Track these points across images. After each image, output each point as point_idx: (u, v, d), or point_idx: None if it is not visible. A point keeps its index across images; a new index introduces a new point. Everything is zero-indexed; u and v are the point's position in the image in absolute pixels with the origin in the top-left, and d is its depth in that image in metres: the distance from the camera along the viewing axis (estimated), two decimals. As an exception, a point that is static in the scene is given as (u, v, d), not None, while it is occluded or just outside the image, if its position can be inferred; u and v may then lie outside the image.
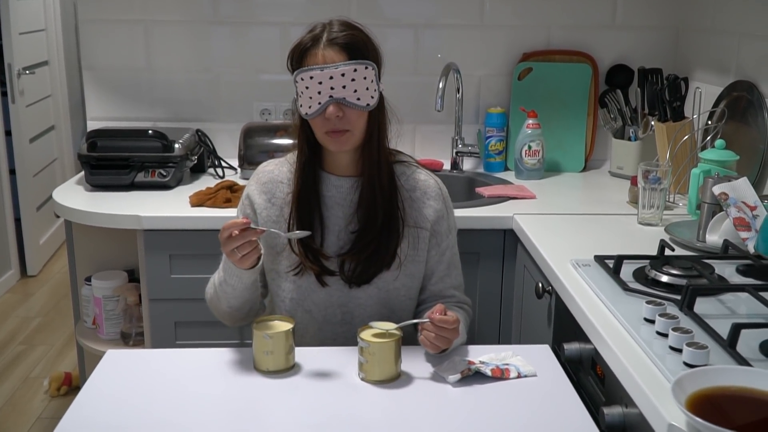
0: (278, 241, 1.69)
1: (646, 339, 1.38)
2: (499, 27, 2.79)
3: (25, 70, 4.38)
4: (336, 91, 1.55)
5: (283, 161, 1.75)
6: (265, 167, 1.75)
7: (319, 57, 1.55)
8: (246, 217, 1.72)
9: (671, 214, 2.21)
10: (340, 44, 1.55)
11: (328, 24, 1.59)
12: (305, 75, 1.55)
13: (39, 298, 4.25)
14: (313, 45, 1.56)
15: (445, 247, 1.73)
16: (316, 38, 1.56)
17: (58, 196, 2.39)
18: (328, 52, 1.55)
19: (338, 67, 1.54)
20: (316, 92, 1.55)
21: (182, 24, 2.76)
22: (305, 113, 1.58)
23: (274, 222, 1.69)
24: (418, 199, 1.70)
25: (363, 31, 1.61)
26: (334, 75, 1.54)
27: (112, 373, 1.53)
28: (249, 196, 1.73)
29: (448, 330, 1.50)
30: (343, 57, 1.55)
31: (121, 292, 2.44)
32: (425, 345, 1.53)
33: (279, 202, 1.70)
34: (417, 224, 1.69)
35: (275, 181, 1.71)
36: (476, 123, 2.84)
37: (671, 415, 1.15)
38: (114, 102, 2.80)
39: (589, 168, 2.83)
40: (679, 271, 1.64)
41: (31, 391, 3.25)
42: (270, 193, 1.70)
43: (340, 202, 1.68)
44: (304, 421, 1.35)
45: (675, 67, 2.72)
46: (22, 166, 4.41)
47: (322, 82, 1.54)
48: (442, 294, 1.74)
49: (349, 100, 1.56)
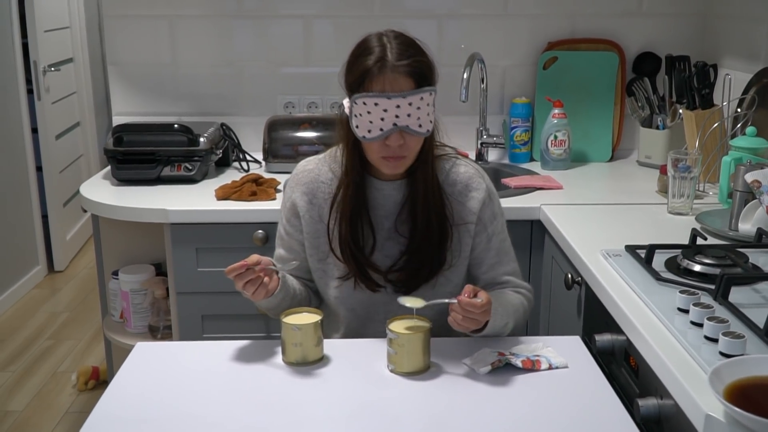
0: (322, 247, 1.67)
1: (680, 329, 1.36)
2: (523, 16, 2.76)
3: (50, 67, 4.41)
4: (400, 120, 1.50)
5: (323, 160, 1.71)
6: (305, 167, 1.71)
7: (386, 84, 1.49)
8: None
9: (701, 203, 2.17)
10: (408, 72, 1.49)
11: (387, 40, 1.52)
12: (368, 100, 1.50)
13: (66, 293, 4.28)
14: (378, 70, 1.49)
15: (491, 233, 1.69)
16: (380, 62, 1.49)
17: (86, 191, 2.40)
18: (395, 79, 1.49)
19: (406, 96, 1.49)
20: (379, 118, 1.50)
21: (206, 18, 2.76)
22: (363, 136, 1.53)
23: (317, 222, 1.67)
24: (461, 193, 1.67)
25: (423, 49, 1.55)
26: (401, 104, 1.49)
27: (141, 365, 1.53)
28: (292, 200, 1.70)
29: (475, 312, 1.46)
30: (411, 85, 1.50)
31: (148, 285, 2.45)
32: (453, 326, 1.50)
33: (319, 202, 1.67)
34: (463, 220, 1.66)
35: (317, 182, 1.68)
36: (501, 113, 2.82)
37: (708, 405, 1.14)
38: (139, 97, 2.81)
39: (617, 158, 2.80)
40: (712, 260, 1.61)
41: (59, 386, 3.27)
42: (311, 194, 1.68)
43: (383, 202, 1.65)
44: (334, 413, 1.35)
45: (702, 54, 2.68)
46: (48, 162, 4.44)
47: (387, 110, 1.49)
48: (495, 281, 1.71)
49: (412, 128, 1.52)
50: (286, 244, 1.72)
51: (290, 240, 1.71)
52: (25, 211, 4.30)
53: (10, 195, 4.14)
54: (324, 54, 2.78)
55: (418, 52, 1.53)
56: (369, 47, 1.52)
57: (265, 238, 2.20)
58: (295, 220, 1.70)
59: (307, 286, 1.75)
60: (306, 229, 1.68)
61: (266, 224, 2.19)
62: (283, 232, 1.73)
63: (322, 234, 1.67)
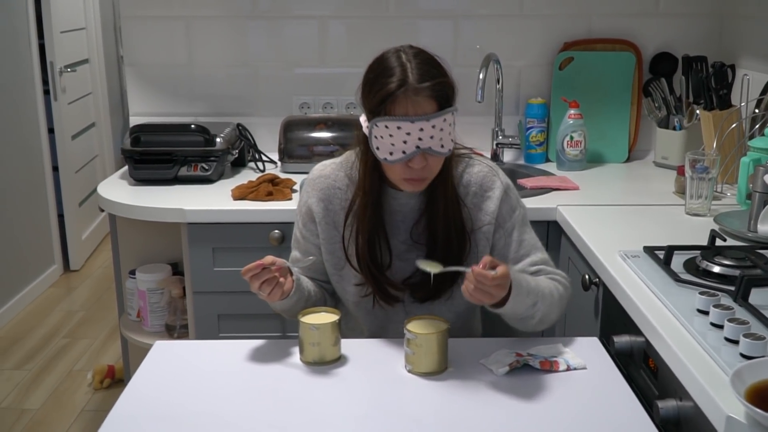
0: (338, 253, 1.67)
1: (700, 330, 1.35)
2: (538, 16, 2.76)
3: (66, 68, 4.44)
4: (423, 142, 1.48)
5: (339, 166, 1.69)
6: (321, 171, 1.69)
7: (409, 107, 1.46)
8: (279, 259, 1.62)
9: (719, 204, 2.16)
10: (431, 95, 1.47)
11: (406, 59, 1.49)
12: (391, 124, 1.47)
13: (81, 292, 4.31)
14: (401, 93, 1.46)
15: (510, 227, 1.66)
16: (402, 84, 1.45)
17: (103, 191, 2.42)
18: (418, 103, 1.46)
19: (430, 119, 1.46)
20: (401, 141, 1.47)
21: (221, 19, 2.77)
22: (384, 158, 1.51)
23: (332, 228, 1.66)
24: (476, 194, 1.65)
25: (442, 67, 1.52)
26: (424, 127, 1.46)
27: (160, 364, 1.54)
28: (308, 205, 1.69)
29: (486, 284, 1.41)
30: (434, 107, 1.47)
31: (165, 285, 2.46)
32: (465, 296, 1.45)
33: (335, 208, 1.66)
34: (481, 224, 1.65)
35: (333, 188, 1.66)
36: (516, 114, 2.81)
37: (729, 407, 1.13)
38: (155, 97, 2.83)
39: (633, 158, 2.79)
40: (731, 261, 1.60)
41: (75, 384, 3.29)
42: (327, 200, 1.67)
43: (399, 209, 1.64)
44: (351, 413, 1.35)
45: (720, 55, 2.66)
46: (64, 162, 4.47)
47: (410, 133, 1.46)
48: (525, 273, 1.65)
49: (435, 149, 1.49)
50: (302, 248, 1.72)
51: (306, 243, 1.71)
52: (41, 210, 4.33)
53: (27, 195, 4.17)
54: (339, 54, 2.79)
55: (439, 71, 1.51)
56: (388, 67, 1.49)
57: (281, 238, 2.20)
58: (311, 224, 1.69)
59: (323, 287, 1.74)
60: (322, 235, 1.68)
61: (282, 224, 2.20)
62: (299, 235, 1.73)
63: (338, 240, 1.66)
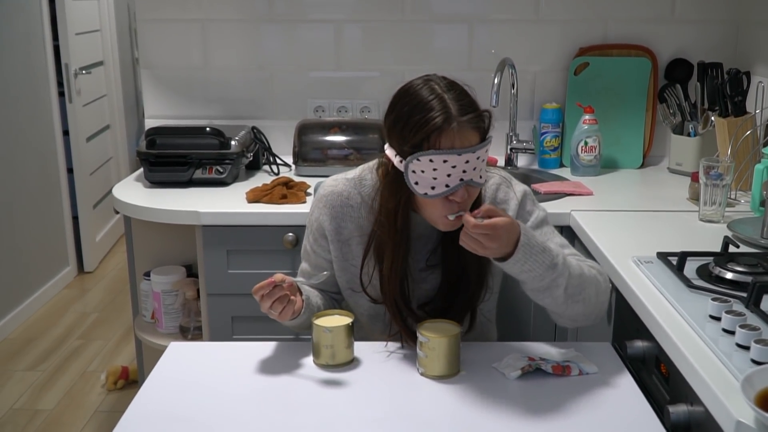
0: (351, 272, 1.66)
1: (712, 336, 1.35)
2: (554, 21, 2.76)
3: (81, 70, 4.47)
4: (467, 174, 1.46)
5: (351, 183, 1.66)
6: (334, 188, 1.66)
7: (455, 140, 1.44)
8: (287, 278, 1.57)
9: (733, 211, 2.16)
10: (474, 126, 1.46)
11: (441, 91, 1.46)
12: (436, 158, 1.43)
13: (95, 294, 4.34)
14: (448, 127, 1.43)
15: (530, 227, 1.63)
16: (447, 118, 1.43)
17: (118, 193, 2.44)
18: (464, 135, 1.44)
19: (476, 150, 1.45)
20: (445, 174, 1.45)
21: (237, 23, 2.79)
22: (425, 193, 1.47)
23: (344, 245, 1.65)
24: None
25: (473, 95, 1.50)
26: (469, 159, 1.45)
27: (175, 364, 1.55)
28: (319, 221, 1.67)
29: (480, 234, 1.40)
30: (477, 138, 1.46)
31: (179, 286, 2.47)
32: (461, 242, 1.45)
33: (348, 226, 1.65)
34: None
35: (346, 206, 1.64)
36: (531, 119, 2.82)
37: (739, 412, 1.13)
38: (171, 100, 2.85)
39: (647, 164, 2.78)
40: (744, 268, 1.60)
41: (89, 385, 3.31)
42: (339, 218, 1.65)
43: (421, 233, 1.62)
44: (364, 415, 1.36)
45: (735, 62, 2.66)
46: (79, 164, 4.50)
47: (456, 166, 1.44)
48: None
49: (476, 181, 1.48)
50: (313, 261, 1.71)
51: (317, 258, 1.70)
52: (55, 212, 4.36)
53: (42, 196, 4.20)
54: (354, 58, 2.80)
55: (474, 101, 1.50)
56: (424, 100, 1.46)
57: (295, 241, 2.21)
58: (322, 240, 1.68)
59: (333, 299, 1.74)
60: (334, 253, 1.67)
61: (296, 227, 2.21)
62: (309, 249, 1.71)
63: (350, 258, 1.65)
